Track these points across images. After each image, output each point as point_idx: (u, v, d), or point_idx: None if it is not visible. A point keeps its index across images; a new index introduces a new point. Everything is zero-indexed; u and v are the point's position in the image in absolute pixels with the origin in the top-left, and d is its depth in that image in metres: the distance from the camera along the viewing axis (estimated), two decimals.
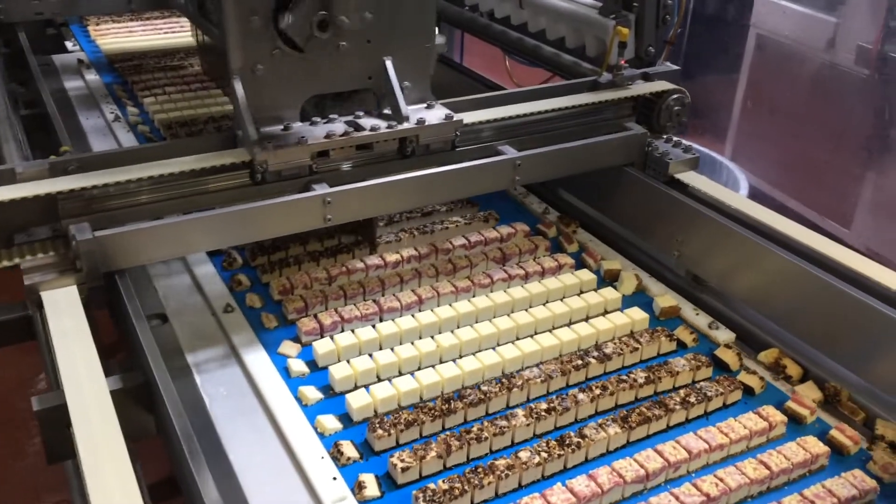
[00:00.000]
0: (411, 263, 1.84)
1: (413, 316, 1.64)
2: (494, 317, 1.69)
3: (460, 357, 1.57)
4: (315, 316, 1.63)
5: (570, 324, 1.67)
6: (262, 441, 1.36)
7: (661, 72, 1.94)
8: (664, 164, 1.79)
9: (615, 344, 1.56)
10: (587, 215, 2.04)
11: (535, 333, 1.64)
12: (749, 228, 1.65)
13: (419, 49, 1.69)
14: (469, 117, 1.72)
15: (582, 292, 1.77)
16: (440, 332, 1.63)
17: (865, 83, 3.38)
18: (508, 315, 1.66)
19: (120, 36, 3.19)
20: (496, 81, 2.47)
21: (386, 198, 1.60)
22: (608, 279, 1.83)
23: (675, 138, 1.87)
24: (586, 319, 1.69)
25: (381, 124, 1.63)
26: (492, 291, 1.76)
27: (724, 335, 1.64)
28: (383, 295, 1.73)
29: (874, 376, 1.43)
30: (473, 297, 1.74)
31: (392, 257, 1.81)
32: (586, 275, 1.79)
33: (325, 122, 1.64)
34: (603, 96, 1.82)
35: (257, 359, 1.52)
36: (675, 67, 1.96)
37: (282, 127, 1.60)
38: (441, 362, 1.56)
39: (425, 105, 1.72)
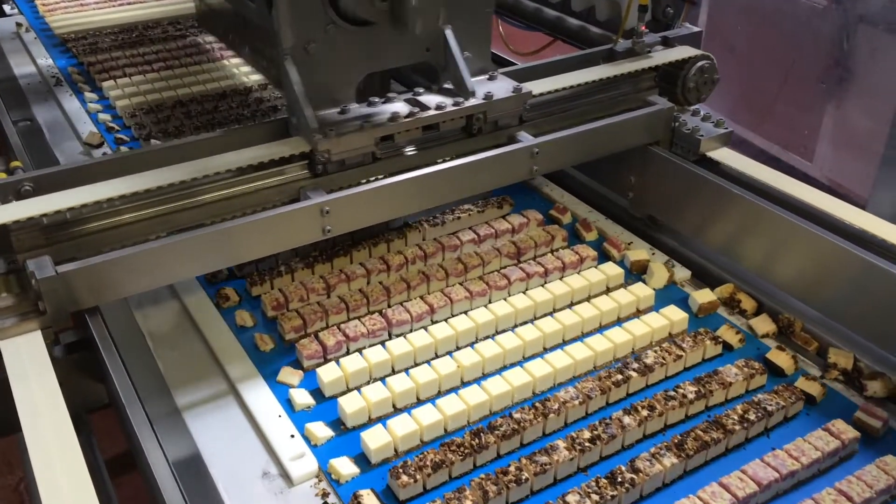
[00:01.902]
0: (416, 265, 1.65)
1: (426, 329, 1.46)
2: (516, 325, 1.51)
3: (483, 376, 1.40)
4: (316, 336, 1.44)
5: (600, 327, 1.51)
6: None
7: (682, 35, 1.74)
8: (695, 142, 1.60)
9: (656, 352, 1.39)
10: (599, 194, 1.85)
11: (564, 342, 1.47)
12: (788, 208, 1.49)
13: (480, 14, 1.53)
14: (537, 87, 1.55)
15: (609, 289, 1.60)
16: (458, 348, 1.45)
17: (823, 14, 3.24)
18: (532, 322, 1.48)
19: (71, 11, 2.91)
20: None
21: (393, 201, 1.40)
22: (636, 271, 1.65)
23: (703, 111, 1.68)
24: (618, 321, 1.52)
25: (447, 101, 1.47)
26: (510, 294, 1.58)
27: (680, 273, 1.63)
28: (389, 305, 1.55)
29: (825, 305, 1.44)
30: (490, 301, 1.56)
31: (396, 259, 1.62)
32: (612, 268, 1.61)
33: (383, 102, 1.48)
34: (625, 67, 1.62)
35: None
36: (697, 29, 1.76)
37: (338, 110, 1.44)
38: (462, 384, 1.39)
39: (487, 76, 1.55)
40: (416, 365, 1.42)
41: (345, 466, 1.22)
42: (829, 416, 1.30)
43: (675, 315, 1.48)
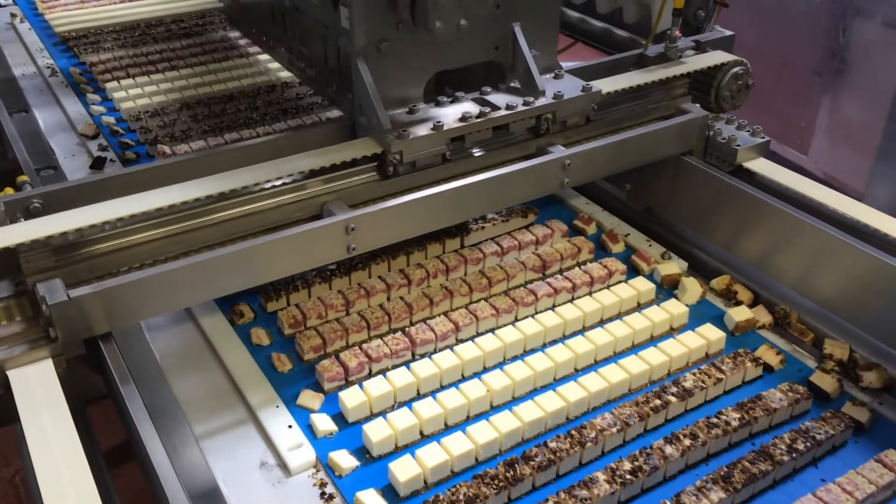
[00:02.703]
0: (438, 279, 1.58)
1: (452, 350, 1.39)
2: (545, 343, 1.45)
3: (513, 400, 1.33)
4: (337, 357, 1.37)
5: (632, 347, 1.44)
6: None
7: (714, 39, 1.67)
8: (731, 152, 1.54)
9: (695, 375, 1.33)
10: (624, 203, 1.79)
11: (596, 363, 1.41)
12: (829, 221, 1.43)
13: (549, 11, 1.49)
14: (606, 85, 1.52)
15: (640, 305, 1.54)
16: (485, 369, 1.39)
17: (820, 6, 3.21)
18: (563, 342, 1.41)
19: (71, 8, 2.83)
20: None
21: (420, 216, 1.33)
22: (667, 286, 1.59)
23: (738, 119, 1.61)
24: (651, 340, 1.45)
25: (516, 101, 1.43)
26: (536, 311, 1.51)
27: (676, 265, 1.61)
28: (412, 323, 1.48)
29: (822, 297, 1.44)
30: (516, 318, 1.50)
31: (417, 274, 1.55)
32: (643, 283, 1.55)
33: (450, 102, 1.44)
34: (660, 73, 1.55)
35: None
36: (729, 33, 1.70)
37: (406, 110, 1.40)
38: (492, 408, 1.32)
39: (553, 75, 1.51)
40: (443, 387, 1.35)
41: (372, 500, 1.15)
42: (878, 444, 1.24)
43: (711, 334, 1.42)
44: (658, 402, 1.28)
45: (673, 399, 1.29)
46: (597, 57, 1.76)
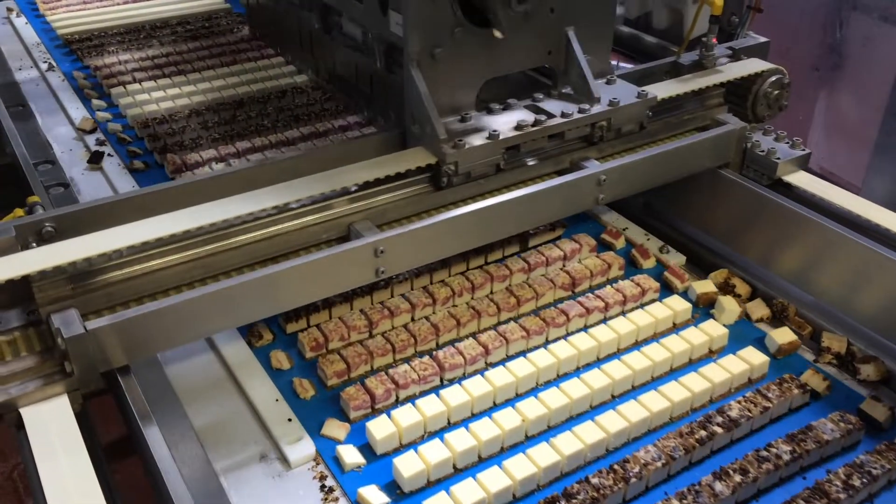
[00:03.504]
0: (463, 297, 1.51)
1: (482, 375, 1.32)
2: (578, 367, 1.38)
3: (549, 429, 1.27)
4: (362, 383, 1.30)
5: (670, 371, 1.38)
6: None
7: (749, 45, 1.60)
8: (771, 165, 1.47)
9: (740, 404, 1.26)
10: (652, 214, 1.72)
11: (633, 388, 1.35)
12: (871, 237, 1.37)
13: (603, 14, 1.44)
14: (661, 91, 1.47)
15: (675, 325, 1.47)
16: (518, 396, 1.32)
17: (816, 1, 3.17)
18: (598, 367, 1.35)
19: (73, 9, 2.75)
20: None
21: (451, 237, 1.26)
22: (702, 305, 1.52)
23: (776, 130, 1.54)
24: (690, 364, 1.39)
25: (571, 108, 1.39)
26: (568, 331, 1.45)
27: (674, 258, 1.60)
28: (438, 345, 1.42)
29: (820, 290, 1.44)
30: (547, 340, 1.43)
31: (442, 292, 1.49)
32: (678, 303, 1.48)
33: (502, 109, 1.40)
34: (698, 82, 1.49)
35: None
36: (763, 39, 1.63)
37: (459, 118, 1.36)
38: (527, 439, 1.25)
39: (605, 80, 1.46)
40: (474, 416, 1.29)
41: None
42: None
43: (754, 358, 1.35)
44: (703, 433, 1.21)
45: (718, 430, 1.22)
46: (623, 63, 1.69)
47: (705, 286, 1.52)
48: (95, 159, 1.93)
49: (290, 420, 1.25)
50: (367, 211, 1.24)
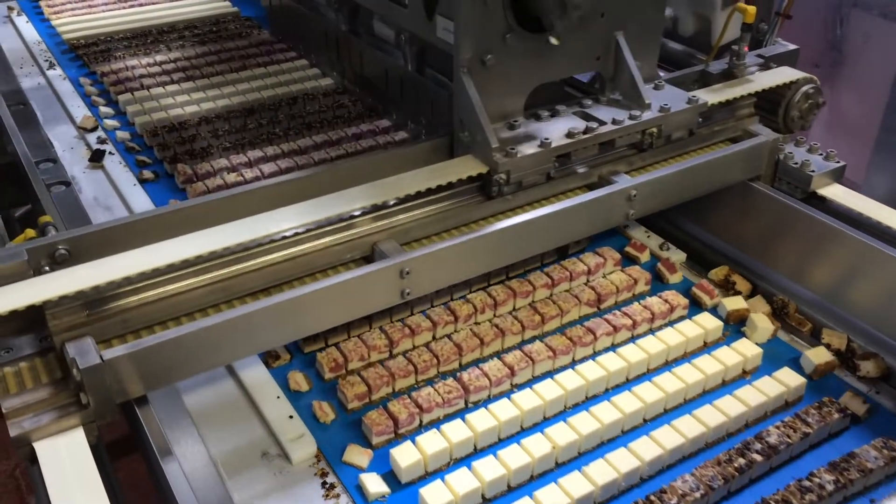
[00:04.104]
0: (486, 313, 1.46)
1: (509, 398, 1.27)
2: (607, 389, 1.34)
3: (579, 456, 1.22)
4: (385, 407, 1.26)
5: (703, 394, 1.33)
6: None
7: (778, 53, 1.55)
8: (805, 178, 1.42)
9: (779, 429, 1.22)
10: (673, 223, 1.68)
11: (665, 412, 1.30)
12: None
13: (654, 18, 1.41)
14: (711, 96, 1.44)
15: (706, 344, 1.42)
16: (546, 419, 1.28)
17: None
18: (629, 389, 1.30)
19: (79, 13, 2.70)
20: None
21: (478, 256, 1.22)
22: (733, 322, 1.47)
23: (809, 142, 1.49)
24: (723, 385, 1.34)
25: (621, 115, 1.36)
26: (595, 350, 1.40)
27: (675, 256, 1.60)
28: (461, 365, 1.37)
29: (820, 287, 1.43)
30: (574, 360, 1.38)
31: (464, 309, 1.44)
32: (709, 320, 1.43)
33: (550, 116, 1.37)
34: (731, 92, 1.44)
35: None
36: (793, 46, 1.58)
37: (507, 125, 1.33)
38: (557, 466, 1.21)
39: (652, 86, 1.43)
40: (501, 441, 1.24)
41: None
42: None
43: (790, 379, 1.30)
44: (742, 460, 1.16)
45: (758, 457, 1.17)
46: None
47: (736, 302, 1.48)
48: (97, 158, 1.92)
49: (291, 417, 1.23)
50: (392, 230, 1.19)
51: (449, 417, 1.27)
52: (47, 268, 1.02)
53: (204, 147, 1.93)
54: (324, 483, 1.16)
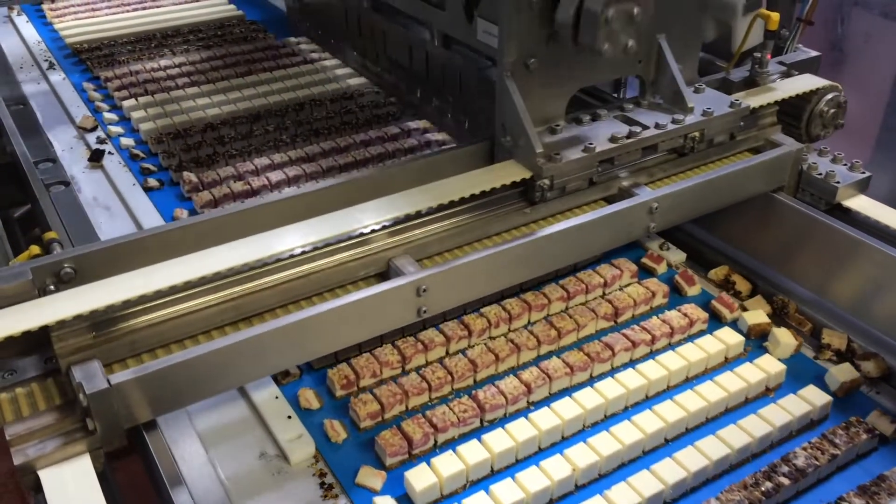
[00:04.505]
0: (500, 328, 1.42)
1: (526, 417, 1.24)
2: (627, 407, 1.30)
3: (600, 478, 1.18)
4: (398, 426, 1.22)
5: (726, 412, 1.29)
6: None
7: (800, 60, 1.52)
8: (830, 190, 1.38)
9: (806, 451, 1.18)
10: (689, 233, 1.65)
11: (687, 431, 1.26)
12: None
13: (693, 21, 1.40)
14: (755, 100, 1.43)
15: (727, 360, 1.39)
16: (564, 439, 1.24)
17: None
18: (649, 408, 1.26)
19: (81, 16, 2.67)
20: None
21: (497, 272, 1.18)
22: (755, 337, 1.43)
23: (833, 151, 1.46)
24: (746, 404, 1.30)
25: (664, 119, 1.34)
26: (612, 366, 1.36)
27: (674, 256, 1.59)
28: (476, 381, 1.33)
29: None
30: (592, 376, 1.35)
31: (478, 323, 1.40)
32: (730, 335, 1.39)
33: (591, 120, 1.36)
34: (761, 98, 1.41)
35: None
36: (815, 53, 1.54)
37: (548, 129, 1.32)
38: (577, 488, 1.17)
39: (693, 89, 1.41)
40: (518, 462, 1.20)
41: None
42: None
43: (816, 398, 1.27)
44: (769, 484, 1.12)
45: (785, 481, 1.13)
46: None
47: (757, 316, 1.44)
48: (96, 157, 1.91)
49: (289, 417, 1.22)
50: (407, 245, 1.15)
51: (464, 437, 1.23)
52: (52, 287, 0.98)
53: (210, 154, 1.90)
54: (322, 483, 1.15)
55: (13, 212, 2.06)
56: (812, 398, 1.27)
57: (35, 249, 1.08)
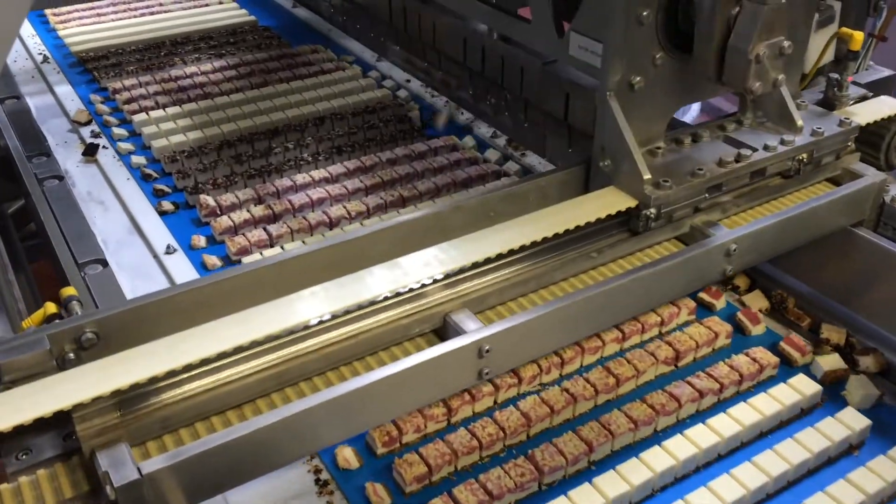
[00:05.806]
0: (551, 373, 1.30)
1: (591, 483, 1.11)
2: (698, 468, 1.18)
3: None
4: (450, 494, 1.09)
5: (808, 474, 1.17)
6: None
7: (873, 80, 1.39)
8: None
9: None
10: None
11: (768, 497, 1.14)
12: None
13: (800, 35, 1.29)
14: (863, 116, 1.35)
15: (803, 412, 1.27)
16: None
17: None
18: (728, 473, 1.14)
19: (86, 23, 2.54)
20: None
21: (562, 328, 1.06)
22: (829, 384, 1.31)
23: None
24: (829, 464, 1.18)
25: (773, 139, 1.25)
26: (679, 420, 1.25)
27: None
28: (529, 437, 1.21)
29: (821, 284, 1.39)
30: (656, 431, 1.23)
31: (528, 370, 1.27)
32: (806, 384, 1.27)
33: (692, 142, 1.27)
34: (861, 117, 1.30)
35: None
36: (889, 72, 1.42)
37: (649, 152, 1.24)
38: None
39: (795, 105, 1.32)
40: None
41: None
42: None
43: None
44: None
45: None
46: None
47: (832, 361, 1.32)
48: (90, 151, 1.87)
49: None
50: (464, 297, 1.03)
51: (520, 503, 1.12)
52: (72, 355, 0.86)
53: (227, 175, 1.78)
54: (317, 480, 1.11)
55: (7, 207, 2.00)
56: None
57: (51, 307, 0.96)
